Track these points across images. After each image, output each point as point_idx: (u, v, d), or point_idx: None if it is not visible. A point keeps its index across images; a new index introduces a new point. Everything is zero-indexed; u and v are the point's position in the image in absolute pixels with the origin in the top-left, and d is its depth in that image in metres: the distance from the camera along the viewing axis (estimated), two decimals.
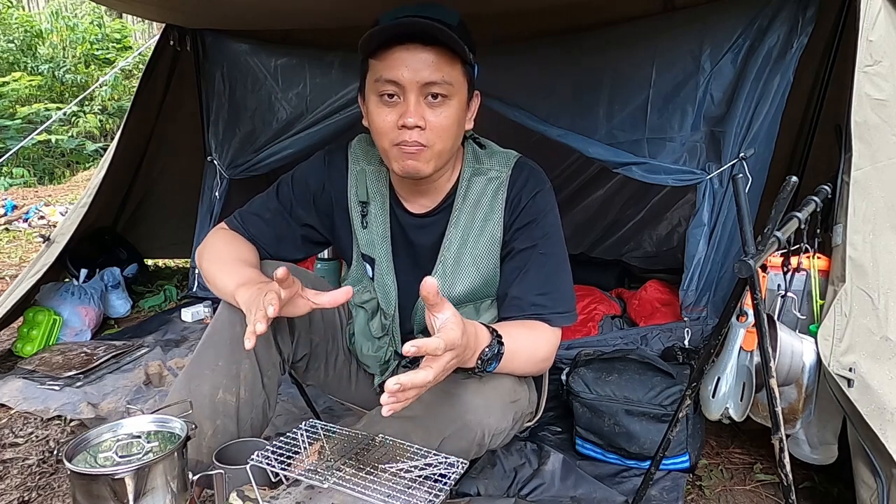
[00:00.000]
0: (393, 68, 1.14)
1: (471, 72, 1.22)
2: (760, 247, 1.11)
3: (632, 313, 2.49)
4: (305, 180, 1.39)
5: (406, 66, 1.14)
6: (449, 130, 1.19)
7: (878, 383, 1.23)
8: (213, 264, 1.30)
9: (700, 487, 1.57)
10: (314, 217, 1.40)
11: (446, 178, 1.33)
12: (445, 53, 1.15)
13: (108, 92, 7.89)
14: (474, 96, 1.28)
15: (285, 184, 1.40)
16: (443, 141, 1.19)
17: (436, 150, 1.19)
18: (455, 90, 1.18)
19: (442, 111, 1.17)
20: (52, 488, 1.56)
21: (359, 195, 1.37)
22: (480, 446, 1.18)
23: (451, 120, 1.19)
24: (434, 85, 1.15)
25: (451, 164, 1.32)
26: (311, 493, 1.01)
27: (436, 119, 1.17)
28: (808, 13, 1.79)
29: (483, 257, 1.32)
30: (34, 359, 2.24)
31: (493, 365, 1.12)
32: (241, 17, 2.46)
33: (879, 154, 1.38)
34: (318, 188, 1.39)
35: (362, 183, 1.37)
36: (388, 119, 1.18)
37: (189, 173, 2.99)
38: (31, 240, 4.48)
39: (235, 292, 1.18)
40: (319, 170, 1.39)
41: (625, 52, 2.08)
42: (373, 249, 1.37)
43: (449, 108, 1.18)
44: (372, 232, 1.37)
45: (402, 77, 1.14)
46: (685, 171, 2.02)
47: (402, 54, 1.14)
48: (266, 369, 1.28)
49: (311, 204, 1.39)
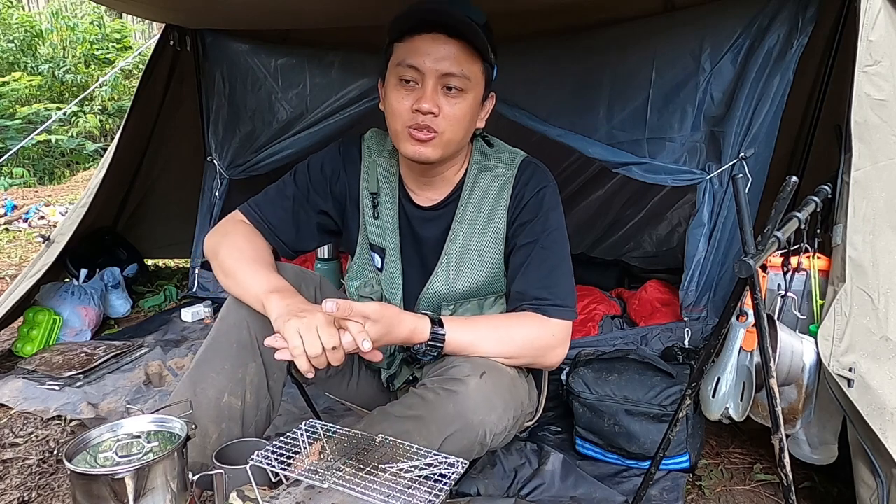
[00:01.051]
0: (416, 55, 1.18)
1: (490, 71, 1.26)
2: (760, 247, 1.11)
3: (632, 313, 2.49)
4: (321, 167, 1.41)
5: (428, 54, 1.18)
6: (461, 122, 1.23)
7: (878, 383, 1.23)
8: (236, 261, 1.28)
9: (700, 487, 1.57)
10: (330, 203, 1.41)
11: (453, 172, 1.35)
12: (468, 49, 1.18)
13: (108, 92, 7.88)
14: (490, 97, 1.32)
15: (301, 171, 1.41)
16: (453, 130, 1.22)
17: (445, 137, 1.22)
18: (472, 85, 1.22)
19: (456, 102, 1.21)
20: (52, 488, 1.56)
21: (370, 186, 1.39)
22: (482, 445, 1.18)
23: (463, 112, 1.22)
24: (452, 77, 1.19)
25: (460, 159, 1.35)
26: (311, 493, 1.01)
27: (450, 108, 1.21)
28: (808, 13, 1.79)
29: (487, 252, 1.34)
30: (34, 359, 2.24)
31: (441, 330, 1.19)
32: (241, 17, 2.46)
33: (879, 154, 1.38)
34: (333, 176, 1.40)
35: (373, 174, 1.39)
36: (404, 102, 1.21)
37: (189, 173, 2.98)
38: (31, 240, 4.48)
39: (266, 298, 1.17)
40: (335, 158, 1.41)
41: (625, 52, 2.08)
42: (384, 240, 1.39)
43: (464, 101, 1.22)
44: (383, 222, 1.39)
45: (423, 64, 1.18)
46: (685, 171, 2.02)
47: (426, 42, 1.18)
48: (273, 372, 1.28)
49: (328, 190, 1.40)
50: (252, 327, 1.25)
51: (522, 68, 2.23)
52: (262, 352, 1.26)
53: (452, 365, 1.20)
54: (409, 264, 1.39)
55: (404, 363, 1.43)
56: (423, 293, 1.36)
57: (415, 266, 1.39)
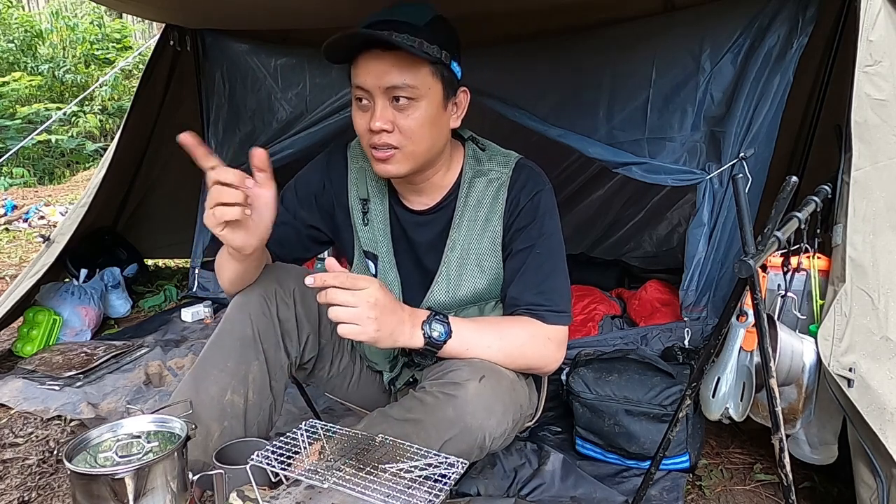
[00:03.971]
0: (360, 74, 1.18)
1: (444, 70, 1.20)
2: (760, 247, 1.11)
3: (632, 313, 2.49)
4: (307, 183, 1.41)
5: (369, 72, 1.16)
6: (420, 132, 1.20)
7: (878, 383, 1.23)
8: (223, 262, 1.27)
9: (700, 487, 1.57)
10: (317, 218, 1.41)
11: (441, 176, 1.33)
12: (406, 57, 1.15)
13: (108, 92, 7.88)
14: (459, 93, 1.27)
15: (289, 191, 1.41)
16: (414, 142, 1.20)
17: (407, 151, 1.20)
18: (422, 92, 1.18)
19: (410, 113, 1.18)
20: (52, 488, 1.56)
21: (359, 193, 1.38)
22: (481, 449, 1.18)
23: (420, 121, 1.19)
24: (397, 89, 1.16)
25: (446, 163, 1.32)
26: (311, 493, 1.01)
27: (405, 122, 1.18)
28: (808, 13, 1.79)
29: (486, 258, 1.33)
30: (34, 359, 2.24)
31: (444, 335, 1.17)
32: (241, 17, 2.47)
33: (879, 154, 1.38)
34: (319, 189, 1.40)
35: (363, 181, 1.38)
36: (361, 123, 1.22)
37: (189, 173, 2.95)
38: (31, 240, 4.48)
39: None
40: (320, 171, 1.41)
41: (625, 52, 2.08)
42: (375, 246, 1.38)
43: (417, 111, 1.18)
44: (374, 228, 1.38)
45: (366, 83, 1.17)
46: (685, 171, 2.02)
47: (366, 61, 1.17)
48: (275, 372, 1.28)
49: (314, 204, 1.40)
50: (256, 326, 1.25)
51: (522, 68, 2.23)
52: (265, 351, 1.26)
53: (451, 368, 1.20)
54: (404, 268, 1.38)
55: (405, 366, 1.43)
56: (424, 302, 1.35)
57: (411, 271, 1.38)
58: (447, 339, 1.18)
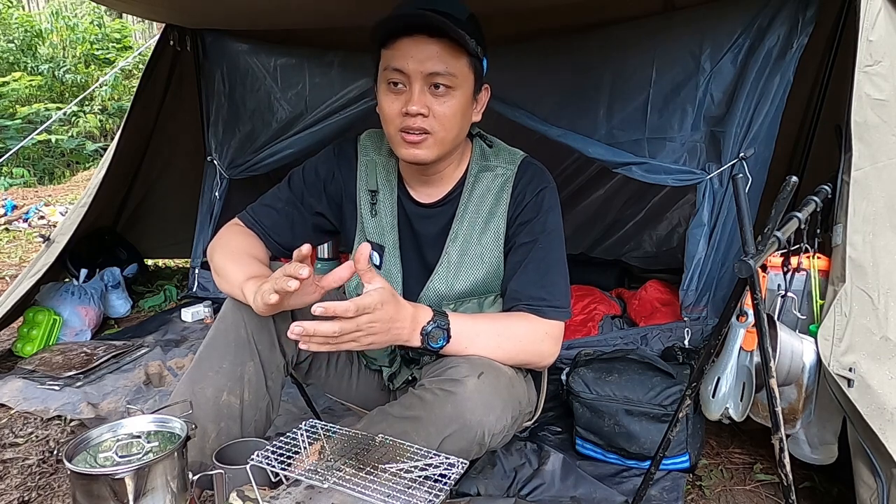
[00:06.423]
0: (400, 58, 1.19)
1: (478, 65, 1.25)
2: (760, 247, 1.11)
3: (632, 313, 2.49)
4: (316, 170, 1.42)
5: (412, 56, 1.18)
6: (452, 119, 1.23)
7: (878, 383, 1.23)
8: (223, 257, 1.31)
9: (700, 487, 1.57)
10: (324, 205, 1.42)
11: (452, 169, 1.35)
12: (451, 46, 1.18)
13: (108, 92, 7.88)
14: (483, 89, 1.31)
15: (296, 175, 1.43)
16: (446, 129, 1.23)
17: (439, 137, 1.23)
18: (459, 82, 1.21)
19: (446, 101, 1.21)
20: (52, 488, 1.56)
21: (368, 184, 1.40)
22: (481, 446, 1.19)
23: (454, 109, 1.22)
24: (438, 76, 1.19)
25: (458, 157, 1.35)
26: (311, 493, 1.01)
27: (440, 108, 1.21)
28: (808, 13, 1.79)
29: (488, 251, 1.34)
30: (34, 359, 2.24)
31: (441, 341, 1.18)
32: (240, 17, 2.47)
33: (879, 154, 1.38)
34: (327, 177, 1.41)
35: (372, 172, 1.40)
36: (393, 106, 1.22)
37: (189, 173, 2.98)
38: (31, 240, 4.48)
39: (244, 285, 1.19)
40: (329, 160, 1.42)
41: (625, 52, 2.08)
42: (382, 237, 1.39)
43: (453, 99, 1.22)
44: (381, 220, 1.39)
45: (407, 67, 1.18)
46: (685, 171, 2.02)
47: (408, 45, 1.18)
48: (270, 371, 1.29)
49: (322, 192, 1.41)
50: (249, 327, 1.26)
51: (522, 68, 2.23)
52: (260, 351, 1.27)
53: (450, 365, 1.21)
54: (407, 261, 1.40)
55: (405, 363, 1.43)
56: (423, 292, 1.36)
57: (414, 263, 1.39)
58: (445, 345, 1.20)
